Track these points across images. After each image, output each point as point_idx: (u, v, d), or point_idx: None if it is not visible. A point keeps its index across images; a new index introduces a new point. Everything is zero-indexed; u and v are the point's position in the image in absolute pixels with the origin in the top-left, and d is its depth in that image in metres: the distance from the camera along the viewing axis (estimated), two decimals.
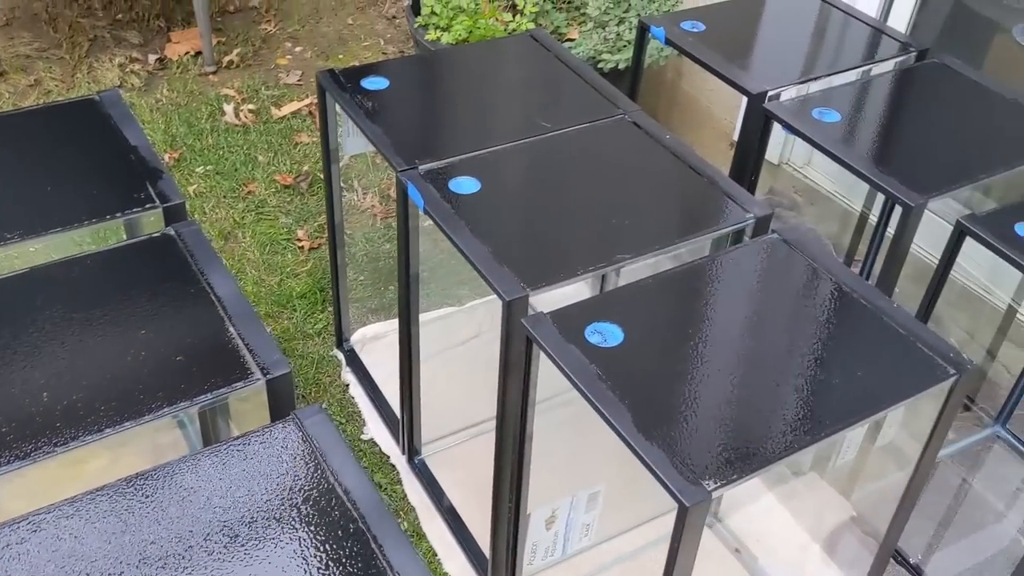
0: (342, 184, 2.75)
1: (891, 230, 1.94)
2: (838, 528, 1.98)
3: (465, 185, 1.61)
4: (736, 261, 1.49)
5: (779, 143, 2.77)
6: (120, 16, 3.45)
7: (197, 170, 2.76)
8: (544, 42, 2.02)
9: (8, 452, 1.11)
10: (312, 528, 1.05)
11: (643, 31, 2.11)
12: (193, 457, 1.12)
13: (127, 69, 3.16)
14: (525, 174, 1.67)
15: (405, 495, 1.98)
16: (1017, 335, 2.17)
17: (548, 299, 1.51)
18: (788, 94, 1.96)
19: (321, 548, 1.03)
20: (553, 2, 2.83)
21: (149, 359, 1.24)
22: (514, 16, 2.66)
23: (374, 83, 1.85)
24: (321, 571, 1.00)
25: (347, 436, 2.09)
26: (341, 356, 2.27)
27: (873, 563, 1.63)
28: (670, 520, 1.96)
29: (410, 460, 2.05)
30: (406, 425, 2.02)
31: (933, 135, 1.82)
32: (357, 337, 2.32)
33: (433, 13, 2.61)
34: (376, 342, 2.32)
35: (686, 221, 1.58)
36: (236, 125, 2.95)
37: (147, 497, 1.06)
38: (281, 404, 1.23)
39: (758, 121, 1.87)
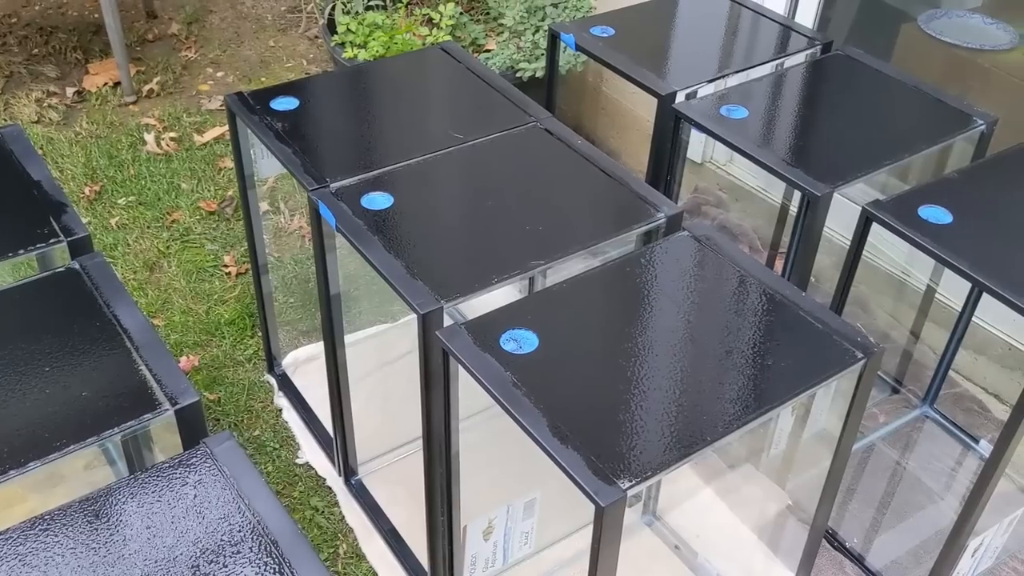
0: (269, 206, 2.74)
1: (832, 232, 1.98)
2: (775, 518, 2.00)
3: (377, 201, 1.61)
4: (648, 260, 1.50)
5: (700, 143, 2.80)
6: (36, 51, 3.40)
7: (119, 201, 2.72)
8: (455, 54, 2.03)
9: None
10: (223, 557, 1.03)
11: (554, 38, 2.13)
12: (102, 493, 1.10)
13: (44, 104, 3.11)
14: (439, 187, 1.68)
15: (343, 517, 1.97)
16: (938, 315, 2.21)
17: (481, 307, 1.51)
18: (699, 93, 1.99)
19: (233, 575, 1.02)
20: (470, 15, 2.84)
21: (54, 396, 1.21)
22: (431, 30, 2.66)
23: (284, 103, 1.84)
24: None
25: (282, 461, 2.07)
26: (273, 381, 2.25)
27: (805, 548, 1.65)
28: None
29: (347, 481, 2.03)
30: (340, 446, 2.00)
31: (838, 125, 1.86)
32: (289, 360, 2.30)
33: (349, 31, 2.61)
34: (309, 364, 2.30)
35: (600, 223, 1.60)
36: (158, 154, 2.91)
37: (58, 535, 1.04)
38: (193, 432, 1.21)
39: (669, 121, 1.89)
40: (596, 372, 1.31)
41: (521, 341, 1.35)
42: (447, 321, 1.43)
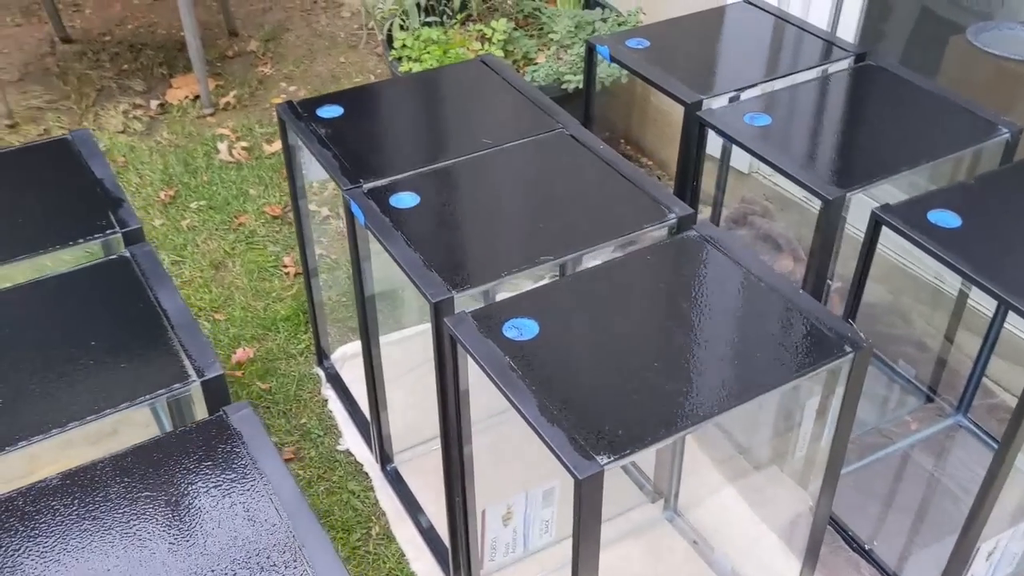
0: (328, 211, 2.89)
1: (851, 229, 2.02)
2: (795, 518, 2.03)
3: (405, 200, 1.72)
4: (652, 256, 1.58)
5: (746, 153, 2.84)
6: (126, 66, 3.65)
7: (191, 205, 2.91)
8: (494, 66, 2.14)
9: None
10: (232, 513, 1.15)
11: (590, 51, 2.22)
12: (132, 448, 1.23)
13: (130, 115, 3.34)
14: (463, 188, 1.78)
15: (377, 501, 2.08)
16: (972, 323, 2.21)
17: None
18: (729, 101, 2.05)
19: (239, 534, 1.13)
20: (524, 30, 2.95)
21: (99, 366, 1.36)
22: (483, 45, 2.78)
23: (329, 111, 1.97)
24: (238, 549, 1.10)
25: (324, 447, 2.20)
26: (321, 373, 2.39)
27: (809, 538, 1.69)
28: (634, 515, 2.04)
29: (383, 468, 2.14)
30: (376, 435, 2.12)
31: (861, 132, 1.90)
32: (337, 355, 2.43)
33: (404, 46, 2.75)
34: (355, 359, 2.42)
35: (612, 222, 1.68)
36: (229, 162, 3.10)
37: (88, 479, 1.18)
38: (216, 402, 1.34)
39: (694, 128, 1.96)
40: (590, 358, 1.39)
41: (522, 329, 1.44)
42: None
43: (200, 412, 1.41)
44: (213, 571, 1.08)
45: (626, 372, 1.36)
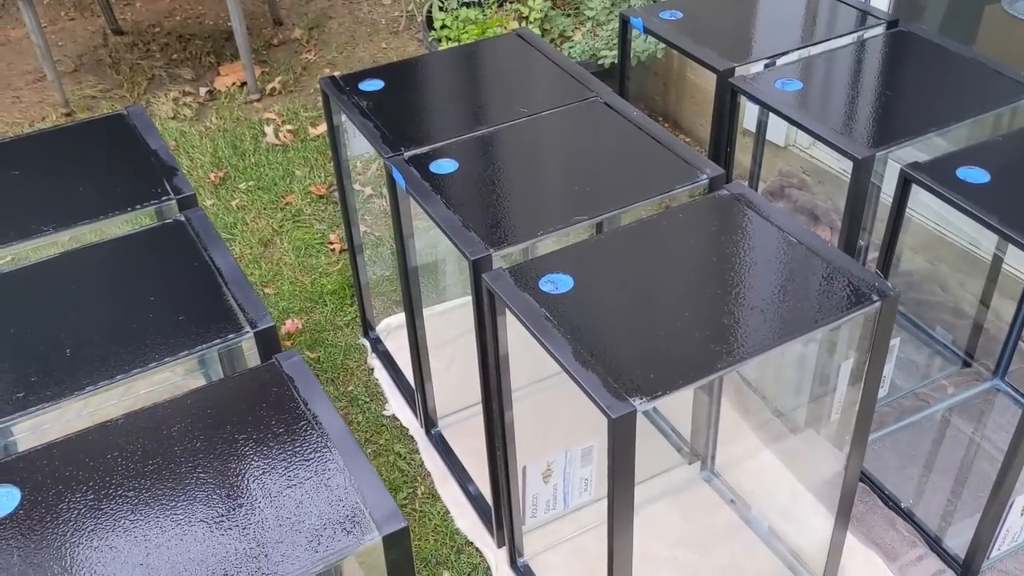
0: (372, 191, 2.97)
1: (885, 196, 2.04)
2: (831, 478, 2.06)
3: (444, 166, 1.79)
4: (684, 214, 1.62)
5: (783, 125, 2.87)
6: (175, 56, 3.76)
7: (240, 186, 3.01)
8: (529, 39, 2.20)
9: (38, 396, 1.31)
10: (284, 445, 1.22)
11: (624, 23, 2.26)
12: (193, 390, 1.31)
13: (180, 102, 3.45)
14: (500, 154, 1.84)
15: (422, 463, 2.15)
16: (1008, 288, 2.22)
17: None
18: (760, 69, 2.09)
19: (291, 462, 1.20)
20: (561, 9, 3.00)
21: (158, 319, 1.44)
22: (520, 23, 2.84)
23: (370, 85, 2.04)
24: (292, 479, 1.18)
25: (371, 413, 2.27)
26: (367, 343, 2.47)
27: (841, 492, 1.72)
28: (672, 476, 2.09)
29: (427, 432, 2.21)
30: (422, 400, 2.19)
31: (891, 96, 1.92)
32: (382, 326, 2.51)
33: (444, 26, 2.81)
34: (399, 330, 2.50)
35: (645, 184, 1.72)
36: (276, 145, 3.20)
37: (158, 418, 1.26)
38: (269, 351, 1.42)
39: (727, 95, 2.00)
40: (622, 309, 1.44)
41: (557, 283, 1.49)
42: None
43: (250, 366, 1.49)
44: (270, 499, 1.15)
45: (658, 321, 1.41)
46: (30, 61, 3.77)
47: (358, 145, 2.16)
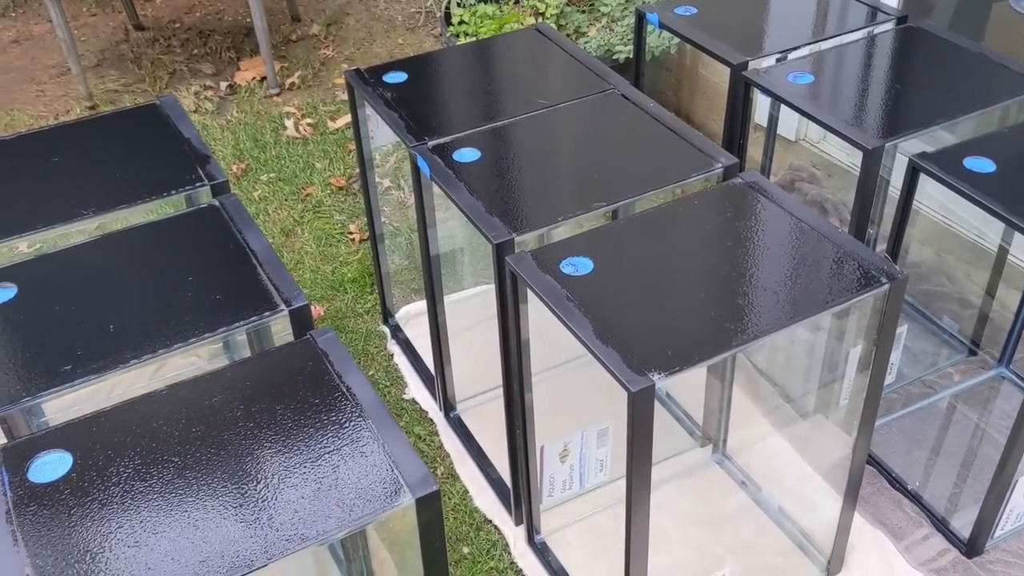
0: (391, 183, 3.04)
1: (893, 190, 2.10)
2: (839, 460, 2.12)
3: (467, 155, 1.85)
4: (699, 201, 1.68)
5: (794, 120, 2.93)
6: (196, 51, 3.83)
7: (262, 178, 3.07)
8: (548, 34, 2.26)
9: (84, 368, 1.38)
10: (319, 415, 1.29)
11: (640, 18, 2.32)
12: (232, 363, 1.38)
13: (201, 96, 3.52)
14: (521, 143, 1.90)
15: (441, 444, 2.22)
16: (1013, 278, 2.28)
17: None
18: (772, 63, 2.14)
19: (327, 430, 1.27)
20: (576, 5, 3.06)
21: (197, 298, 1.50)
22: (536, 19, 2.90)
23: (394, 77, 2.11)
24: (329, 446, 1.24)
25: (391, 396, 2.34)
26: (387, 330, 2.53)
27: (849, 473, 1.78)
28: (685, 458, 2.15)
29: (446, 415, 2.28)
30: (440, 385, 2.25)
31: (900, 89, 1.98)
32: (401, 314, 2.57)
33: (462, 21, 2.88)
34: (418, 317, 2.56)
35: (661, 172, 1.78)
36: (296, 138, 3.26)
37: (200, 390, 1.32)
38: (302, 328, 1.48)
39: (740, 88, 2.06)
40: (640, 291, 1.51)
41: (578, 266, 1.55)
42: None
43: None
44: (308, 464, 1.22)
45: (675, 302, 1.48)
46: (53, 56, 3.85)
47: (381, 136, 2.23)
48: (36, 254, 1.63)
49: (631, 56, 2.79)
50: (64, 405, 1.62)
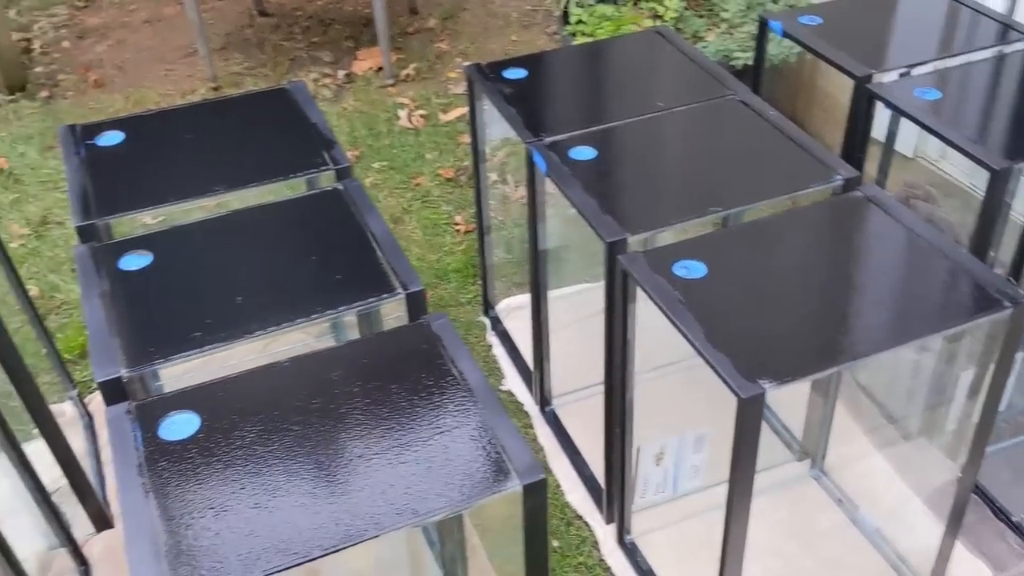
0: (497, 177, 3.08)
1: (1015, 215, 2.04)
2: (942, 486, 2.07)
3: (583, 153, 1.87)
4: (817, 212, 1.67)
5: (912, 136, 2.86)
6: (316, 39, 3.95)
7: (374, 165, 3.15)
8: (668, 37, 2.26)
9: (211, 336, 1.45)
10: (432, 397, 1.33)
11: (763, 25, 2.31)
12: (350, 341, 1.43)
13: (319, 83, 3.63)
14: (637, 144, 1.91)
15: (535, 437, 2.24)
16: None
17: None
18: (897, 77, 2.10)
19: (439, 411, 1.31)
20: (694, 10, 3.05)
21: (320, 277, 1.56)
22: (654, 22, 2.90)
23: (514, 73, 2.14)
24: (440, 427, 1.28)
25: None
26: (487, 321, 2.57)
27: (953, 501, 1.74)
28: (781, 471, 2.13)
29: (542, 409, 2.31)
30: (538, 379, 2.28)
31: None
32: (502, 306, 2.61)
33: (580, 21, 2.90)
34: (518, 311, 2.60)
35: (779, 181, 1.77)
36: (408, 128, 3.34)
37: (320, 364, 1.38)
38: (416, 312, 1.52)
39: (863, 102, 2.03)
40: (753, 298, 1.50)
41: (691, 269, 1.56)
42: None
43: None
44: (419, 443, 1.26)
45: (788, 312, 1.47)
46: (182, 37, 4.01)
47: (495, 130, 2.26)
48: (167, 225, 1.72)
49: (748, 63, 2.77)
50: (177, 373, 1.71)
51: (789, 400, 2.19)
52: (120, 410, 1.31)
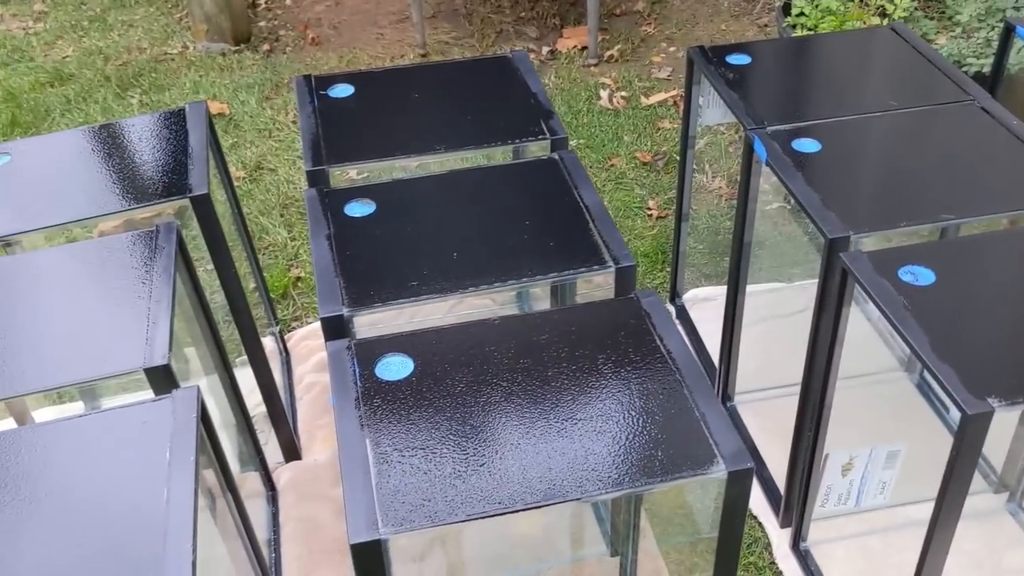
0: (695, 166, 3.03)
1: None
2: None
3: (806, 145, 1.81)
4: None
5: None
6: (523, 14, 3.99)
7: (570, 143, 3.16)
8: (903, 34, 2.15)
9: (428, 287, 1.49)
10: (638, 372, 1.32)
11: (1008, 31, 2.16)
12: (560, 308, 1.44)
13: None
14: (865, 141, 1.84)
15: None
16: None
17: None
18: None
19: (645, 386, 1.30)
20: (924, 12, 2.90)
21: (531, 241, 1.58)
22: (881, 20, 2.77)
23: (737, 59, 2.09)
24: (646, 403, 1.27)
25: None
26: (672, 309, 2.54)
27: None
28: (975, 501, 2.02)
29: (722, 403, 2.26)
30: (723, 374, 2.24)
31: None
32: (689, 296, 2.57)
33: (802, 13, 2.80)
34: (705, 303, 2.55)
35: (1016, 194, 1.66)
36: (608, 109, 3.33)
37: (529, 326, 1.40)
38: (624, 288, 1.52)
39: None
40: (985, 312, 1.42)
41: (918, 276, 1.49)
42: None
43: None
44: (623, 415, 1.25)
45: (1021, 332, 1.38)
46: (395, 2, 4.14)
47: (711, 115, 2.22)
48: (385, 179, 1.78)
49: (981, 71, 2.61)
50: (370, 321, 1.77)
51: (994, 428, 2.06)
52: (341, 345, 1.37)
